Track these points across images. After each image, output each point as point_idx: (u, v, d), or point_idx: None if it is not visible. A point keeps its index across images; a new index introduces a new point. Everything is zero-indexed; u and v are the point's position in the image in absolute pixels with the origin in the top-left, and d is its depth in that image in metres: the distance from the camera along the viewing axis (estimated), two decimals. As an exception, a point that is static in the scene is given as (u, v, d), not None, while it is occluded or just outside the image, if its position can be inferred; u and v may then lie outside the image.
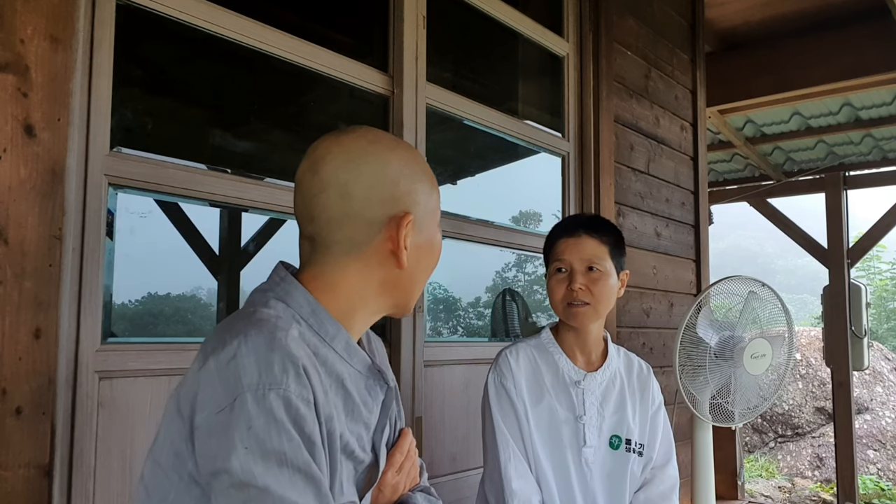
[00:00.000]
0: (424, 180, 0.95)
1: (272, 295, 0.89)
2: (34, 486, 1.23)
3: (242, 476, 0.73)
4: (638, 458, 1.62)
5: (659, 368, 2.55)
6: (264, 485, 0.73)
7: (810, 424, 7.95)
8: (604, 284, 1.58)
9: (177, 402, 0.82)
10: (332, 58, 1.95)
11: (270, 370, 0.77)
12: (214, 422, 0.76)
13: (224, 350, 0.78)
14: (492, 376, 1.61)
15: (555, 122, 2.85)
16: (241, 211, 3.60)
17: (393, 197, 0.90)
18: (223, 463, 0.74)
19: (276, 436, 0.74)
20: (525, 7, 2.65)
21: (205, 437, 0.76)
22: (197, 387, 0.79)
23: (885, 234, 5.70)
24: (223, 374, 0.77)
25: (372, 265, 0.91)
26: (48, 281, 1.28)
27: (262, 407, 0.75)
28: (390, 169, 0.91)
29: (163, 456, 0.81)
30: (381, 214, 0.90)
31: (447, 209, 2.31)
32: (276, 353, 0.78)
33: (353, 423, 0.90)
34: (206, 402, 0.77)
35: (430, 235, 0.97)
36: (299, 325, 0.86)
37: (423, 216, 0.94)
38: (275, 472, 0.73)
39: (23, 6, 1.27)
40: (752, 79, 4.31)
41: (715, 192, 6.22)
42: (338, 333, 0.89)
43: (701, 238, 3.52)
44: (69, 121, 1.33)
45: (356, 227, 0.89)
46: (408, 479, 1.00)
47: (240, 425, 0.74)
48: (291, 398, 0.76)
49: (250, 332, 0.80)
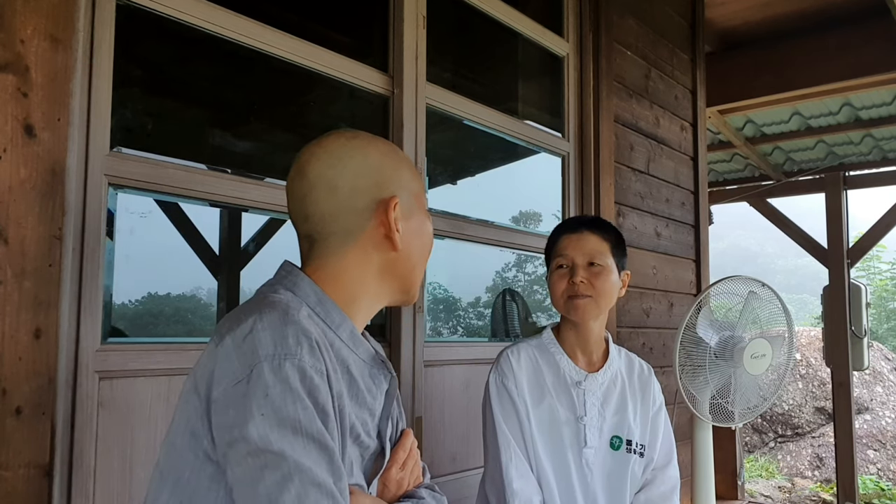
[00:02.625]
0: (406, 167, 1.00)
1: (280, 286, 0.93)
2: (34, 486, 1.23)
3: (259, 442, 0.75)
4: (639, 458, 1.62)
5: (659, 368, 2.55)
6: (280, 450, 0.75)
7: (810, 424, 7.95)
8: (605, 279, 1.58)
9: (193, 382, 0.84)
10: (332, 58, 1.95)
11: (285, 341, 0.80)
12: (232, 393, 0.78)
13: (240, 327, 0.81)
14: (493, 376, 1.61)
15: (555, 122, 2.85)
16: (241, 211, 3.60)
17: (377, 183, 0.95)
18: (240, 431, 0.76)
19: (291, 404, 0.77)
20: (525, 7, 2.65)
21: (222, 409, 0.78)
22: (214, 363, 0.81)
23: (885, 234, 5.69)
24: (241, 348, 0.80)
25: (369, 251, 0.96)
26: (48, 281, 1.28)
27: (279, 376, 0.77)
28: (371, 158, 0.97)
29: (178, 437, 0.83)
30: (369, 201, 0.95)
31: (447, 209, 2.31)
32: (290, 327, 0.81)
33: (358, 409, 0.92)
34: (223, 376, 0.79)
35: (420, 219, 1.01)
36: (309, 309, 0.90)
37: (409, 200, 0.99)
38: (290, 439, 0.75)
39: (23, 6, 1.27)
40: (752, 79, 4.31)
41: (715, 192, 6.22)
42: (343, 322, 0.93)
43: (701, 238, 3.52)
44: (69, 121, 1.33)
45: (348, 217, 0.94)
46: (411, 477, 1.02)
47: (257, 393, 0.76)
48: (306, 368, 0.79)
49: (264, 310, 0.83)
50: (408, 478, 1.01)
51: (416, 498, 1.00)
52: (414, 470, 1.03)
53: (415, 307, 2.09)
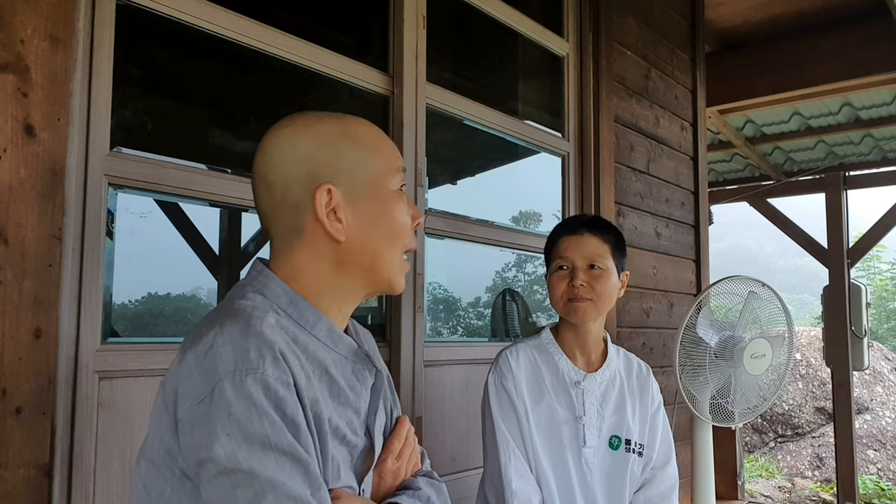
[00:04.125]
0: (353, 148, 0.92)
1: (250, 288, 0.90)
2: (34, 486, 1.23)
3: (227, 462, 0.73)
4: (638, 458, 1.62)
5: (659, 368, 2.55)
6: (250, 468, 0.73)
7: (810, 424, 7.95)
8: (605, 282, 1.58)
9: (163, 398, 0.82)
10: (332, 58, 1.95)
11: (246, 356, 0.77)
12: (196, 412, 0.76)
13: (201, 342, 0.79)
14: (492, 376, 1.61)
15: (555, 122, 2.85)
16: (241, 211, 3.60)
17: (308, 173, 0.89)
18: (207, 452, 0.74)
19: (257, 420, 0.75)
20: (525, 7, 2.65)
21: (188, 428, 0.77)
22: (178, 381, 0.79)
23: (885, 234, 5.69)
24: (201, 365, 0.78)
25: (318, 246, 0.91)
26: (48, 281, 1.28)
27: (241, 392, 0.75)
28: (301, 147, 0.90)
29: (155, 454, 0.82)
30: (303, 194, 0.89)
31: (447, 209, 2.31)
32: (252, 340, 0.79)
33: (340, 408, 0.90)
34: (186, 395, 0.78)
35: (377, 203, 0.92)
36: (277, 314, 0.86)
37: (358, 183, 0.91)
38: (259, 456, 0.74)
39: (23, 6, 1.27)
40: (752, 79, 4.31)
41: (715, 192, 6.22)
42: (318, 320, 0.90)
43: (701, 238, 3.52)
44: (69, 121, 1.33)
45: (287, 213, 0.90)
46: (409, 466, 1.01)
47: (220, 413, 0.74)
48: (270, 382, 0.77)
49: (226, 322, 0.80)
50: (404, 467, 1.00)
51: (413, 489, 0.99)
52: (411, 458, 1.01)
53: (414, 307, 2.09)
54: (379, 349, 1.10)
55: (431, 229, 2.22)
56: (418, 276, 2.11)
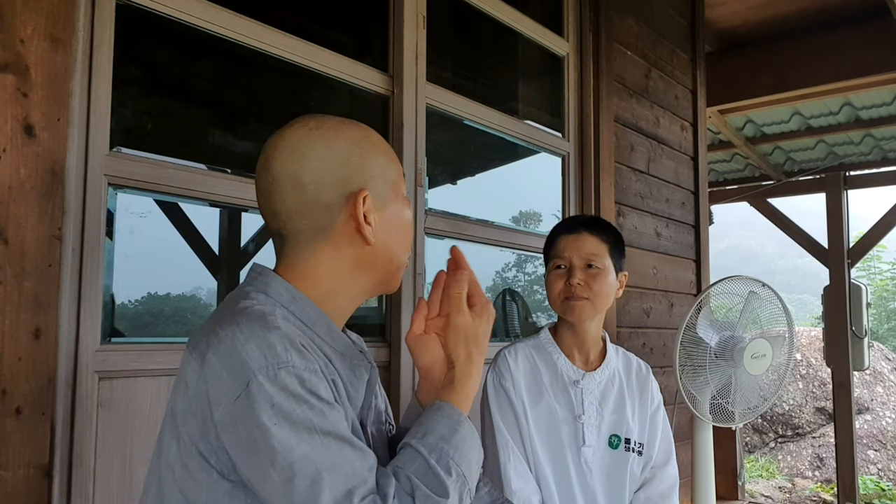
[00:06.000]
0: (377, 154, 0.95)
1: (251, 289, 0.90)
2: (34, 486, 1.24)
3: (281, 451, 0.75)
4: (637, 457, 1.62)
5: (659, 368, 2.55)
6: (302, 454, 0.75)
7: (810, 424, 7.95)
8: (602, 281, 1.58)
9: (188, 403, 0.82)
10: (332, 57, 1.95)
11: (273, 350, 0.79)
12: (234, 410, 0.77)
13: (221, 343, 0.80)
14: (490, 377, 1.62)
15: (555, 122, 2.85)
16: (241, 211, 3.60)
17: (345, 176, 0.91)
18: (258, 445, 0.76)
19: (297, 407, 0.77)
20: (525, 7, 2.65)
21: (230, 428, 0.78)
22: (206, 385, 0.80)
23: (885, 234, 5.69)
24: (228, 364, 0.79)
25: (342, 247, 0.92)
26: (48, 281, 1.28)
27: (277, 384, 0.77)
28: (336, 149, 0.92)
29: (190, 459, 0.81)
30: (336, 195, 0.91)
31: (447, 209, 2.31)
32: (273, 334, 0.80)
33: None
34: (219, 396, 0.78)
35: (397, 208, 0.97)
36: (282, 310, 0.88)
37: (382, 189, 0.94)
38: (307, 440, 0.76)
39: (23, 6, 1.27)
40: (752, 79, 4.31)
41: (715, 192, 6.21)
42: (319, 318, 0.91)
43: (701, 238, 3.52)
44: (69, 121, 1.33)
45: (316, 213, 0.91)
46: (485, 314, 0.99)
47: (262, 405, 0.76)
48: (302, 374, 0.79)
49: (240, 320, 0.81)
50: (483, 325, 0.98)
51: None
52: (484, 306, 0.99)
53: (414, 307, 2.08)
54: (379, 349, 1.11)
55: (431, 229, 2.22)
56: (418, 276, 2.12)
